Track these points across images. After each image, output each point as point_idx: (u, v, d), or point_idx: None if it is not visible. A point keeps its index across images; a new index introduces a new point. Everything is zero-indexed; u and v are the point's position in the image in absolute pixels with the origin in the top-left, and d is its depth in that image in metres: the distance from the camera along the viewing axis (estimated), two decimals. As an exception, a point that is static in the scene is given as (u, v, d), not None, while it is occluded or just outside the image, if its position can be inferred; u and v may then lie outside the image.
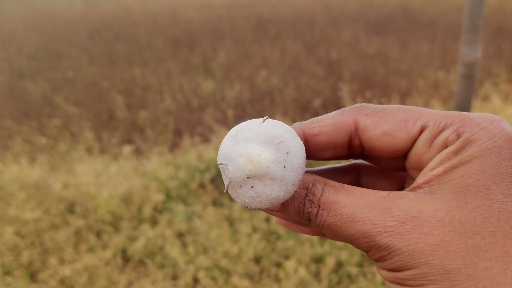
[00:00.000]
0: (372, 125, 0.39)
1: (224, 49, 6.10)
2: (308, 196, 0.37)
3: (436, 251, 0.32)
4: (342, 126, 0.39)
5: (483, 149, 0.34)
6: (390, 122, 0.38)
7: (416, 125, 0.37)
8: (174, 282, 2.04)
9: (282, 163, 0.35)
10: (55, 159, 3.28)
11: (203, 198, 2.61)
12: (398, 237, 0.33)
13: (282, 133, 0.36)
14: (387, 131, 0.38)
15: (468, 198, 0.33)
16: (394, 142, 0.38)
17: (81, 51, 6.43)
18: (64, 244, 2.27)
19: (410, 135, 0.38)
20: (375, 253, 0.35)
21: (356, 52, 5.65)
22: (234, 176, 0.35)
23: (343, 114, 0.40)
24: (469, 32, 1.86)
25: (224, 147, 0.37)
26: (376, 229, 0.34)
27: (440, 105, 3.74)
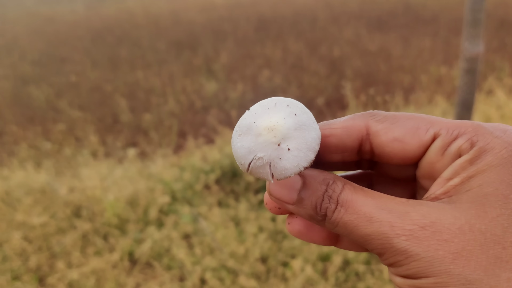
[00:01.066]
0: (384, 130, 0.39)
1: (226, 49, 6.11)
2: (328, 192, 0.37)
3: (457, 259, 0.31)
4: (353, 129, 0.39)
5: (499, 158, 0.33)
6: (401, 128, 0.38)
7: (428, 133, 0.37)
8: (181, 283, 2.05)
9: (293, 113, 0.37)
10: (61, 163, 3.30)
11: (208, 199, 2.61)
12: (416, 242, 0.32)
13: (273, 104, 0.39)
14: (398, 137, 0.38)
15: (487, 207, 0.32)
16: (405, 148, 0.38)
17: (84, 55, 6.45)
18: (72, 248, 2.28)
19: (422, 142, 0.38)
20: (390, 257, 0.34)
21: (359, 49, 5.64)
22: (268, 154, 0.35)
23: (354, 118, 0.40)
24: (471, 27, 1.85)
25: (239, 146, 0.38)
26: (394, 231, 0.33)
27: (444, 101, 3.73)
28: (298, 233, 0.43)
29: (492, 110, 3.28)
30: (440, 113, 3.45)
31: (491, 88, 3.91)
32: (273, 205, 0.43)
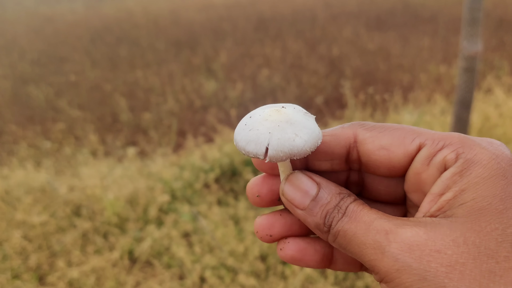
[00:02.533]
0: (371, 138, 0.40)
1: (225, 49, 6.11)
2: (340, 204, 0.38)
3: (451, 273, 0.31)
4: (342, 137, 0.41)
5: (489, 169, 0.34)
6: (388, 137, 0.39)
7: (414, 142, 0.38)
8: (181, 281, 2.05)
9: (302, 111, 0.42)
10: (60, 162, 3.30)
11: (208, 198, 2.62)
12: (408, 251, 0.32)
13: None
14: (385, 145, 0.39)
15: (482, 222, 0.32)
16: (391, 157, 0.39)
17: (83, 54, 6.45)
18: (71, 246, 2.28)
19: (407, 152, 0.39)
20: (381, 269, 0.34)
21: (358, 49, 5.64)
22: (273, 135, 0.38)
23: (343, 127, 0.42)
24: (469, 26, 1.86)
25: (243, 135, 0.40)
26: (388, 239, 0.34)
27: (443, 99, 3.74)
28: (291, 258, 0.43)
29: (491, 109, 3.29)
30: (439, 111, 3.46)
31: (489, 86, 3.92)
32: (264, 233, 0.44)
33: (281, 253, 0.43)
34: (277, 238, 0.44)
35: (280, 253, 0.44)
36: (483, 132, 3.05)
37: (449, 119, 3.08)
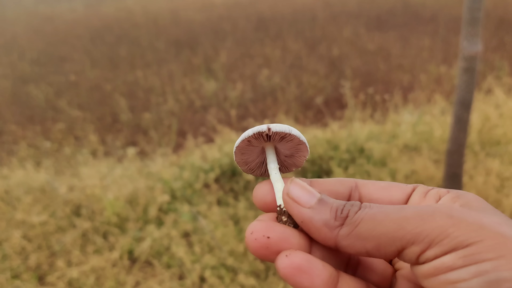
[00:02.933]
0: (371, 183, 0.45)
1: (225, 49, 6.11)
2: (350, 200, 0.41)
3: (503, 225, 0.34)
4: (345, 181, 0.46)
5: (477, 200, 0.39)
6: (385, 183, 0.45)
7: (408, 186, 0.44)
8: (181, 281, 2.05)
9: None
10: (60, 162, 3.30)
11: (208, 198, 2.62)
12: (459, 212, 0.35)
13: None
14: (384, 186, 0.45)
15: (488, 211, 0.37)
16: (391, 194, 0.44)
17: (83, 54, 6.45)
18: (71, 246, 2.28)
19: (404, 192, 0.44)
20: (432, 231, 0.33)
21: (358, 49, 5.64)
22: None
23: (344, 178, 0.47)
24: (469, 26, 1.86)
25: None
26: (434, 208, 0.36)
27: (443, 99, 3.74)
28: (297, 268, 0.37)
29: (491, 109, 3.29)
30: (439, 111, 3.46)
31: (490, 87, 3.92)
32: (261, 234, 0.39)
33: (285, 261, 0.38)
34: (274, 242, 0.39)
35: (284, 261, 0.38)
36: (483, 132, 3.05)
37: (449, 120, 3.08)
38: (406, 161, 2.79)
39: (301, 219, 0.39)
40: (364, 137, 3.05)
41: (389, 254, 0.36)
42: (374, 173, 2.67)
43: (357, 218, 0.37)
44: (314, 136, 3.10)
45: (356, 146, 2.98)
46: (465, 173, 2.58)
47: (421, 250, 0.34)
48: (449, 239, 0.33)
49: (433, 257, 0.33)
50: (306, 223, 0.39)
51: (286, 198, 0.40)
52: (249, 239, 0.40)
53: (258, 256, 0.40)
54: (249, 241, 0.40)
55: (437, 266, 0.33)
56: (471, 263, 0.32)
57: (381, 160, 2.84)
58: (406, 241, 0.35)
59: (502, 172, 2.60)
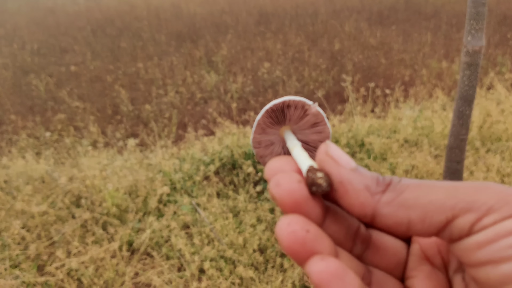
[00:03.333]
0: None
1: (227, 42, 6.09)
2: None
3: None
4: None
5: None
6: None
7: None
8: (180, 273, 2.05)
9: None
10: (60, 153, 3.30)
11: (207, 190, 2.62)
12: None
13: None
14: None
15: None
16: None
17: (84, 46, 6.43)
18: (71, 237, 2.28)
19: None
20: (484, 203, 0.31)
21: (359, 43, 5.62)
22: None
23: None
24: (473, 20, 1.84)
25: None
26: (487, 182, 0.33)
27: (444, 95, 3.73)
28: (334, 275, 0.32)
29: (493, 105, 3.28)
30: (440, 107, 3.45)
31: (492, 83, 3.91)
32: (301, 226, 0.34)
33: (322, 265, 0.33)
34: (311, 239, 0.34)
35: (320, 264, 0.33)
36: (484, 128, 3.04)
37: (450, 115, 3.08)
38: (406, 156, 2.78)
39: (339, 179, 0.35)
40: (364, 132, 3.05)
41: (434, 226, 0.33)
42: (374, 167, 2.67)
43: (402, 185, 0.34)
44: (314, 130, 3.10)
45: (356, 140, 2.97)
46: (466, 169, 2.58)
47: (477, 217, 0.32)
48: (509, 206, 0.31)
49: (492, 224, 0.31)
50: (344, 184, 0.35)
51: (325, 157, 0.36)
52: (285, 231, 0.34)
53: (289, 252, 0.34)
54: (285, 234, 0.34)
55: (496, 231, 0.31)
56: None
57: (381, 154, 2.84)
58: (458, 210, 0.32)
59: (502, 168, 2.59)
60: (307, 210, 0.36)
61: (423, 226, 0.33)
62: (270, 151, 0.46)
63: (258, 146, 0.45)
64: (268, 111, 0.41)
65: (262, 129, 0.43)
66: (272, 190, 0.35)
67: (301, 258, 0.34)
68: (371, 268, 0.40)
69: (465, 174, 2.49)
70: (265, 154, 0.46)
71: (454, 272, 0.39)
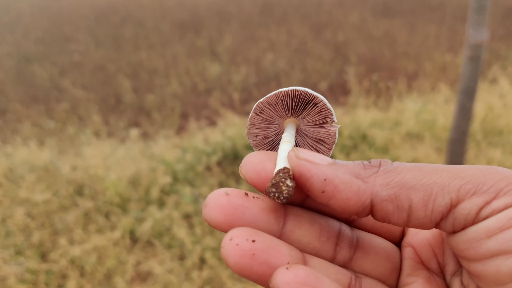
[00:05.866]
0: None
1: (230, 32, 6.07)
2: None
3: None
4: None
5: None
6: None
7: None
8: (181, 262, 2.08)
9: None
10: (64, 142, 3.32)
11: (209, 181, 2.63)
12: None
13: None
14: None
15: None
16: None
17: (87, 34, 6.43)
18: (74, 225, 2.31)
19: None
20: (492, 185, 0.29)
21: (363, 35, 5.60)
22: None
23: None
24: (476, 14, 1.84)
25: None
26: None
27: (447, 88, 3.72)
28: (304, 284, 0.28)
29: (495, 99, 3.27)
30: (442, 100, 3.45)
31: (495, 76, 3.89)
32: (246, 250, 0.30)
33: (287, 275, 0.28)
34: (261, 249, 0.31)
35: (285, 274, 0.28)
36: (486, 122, 3.04)
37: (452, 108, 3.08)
38: (408, 148, 2.79)
39: (323, 177, 0.32)
40: (367, 124, 3.05)
41: (438, 210, 0.30)
42: (376, 160, 2.68)
43: (397, 167, 0.31)
44: (317, 121, 3.10)
45: (358, 132, 2.98)
46: (467, 162, 2.59)
47: (486, 201, 0.28)
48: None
49: (503, 207, 0.28)
50: (330, 179, 0.31)
51: (298, 161, 0.33)
52: (229, 247, 0.30)
53: (240, 271, 0.30)
54: (229, 250, 0.30)
55: (510, 216, 0.27)
56: None
57: (383, 147, 2.85)
58: (464, 192, 0.29)
59: (503, 162, 2.60)
60: (248, 221, 0.32)
61: (426, 212, 0.30)
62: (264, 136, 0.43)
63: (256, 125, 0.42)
64: (292, 92, 0.38)
65: (273, 105, 0.40)
66: (203, 213, 0.33)
67: (257, 275, 0.30)
68: (361, 276, 0.36)
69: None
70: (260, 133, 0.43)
71: (451, 276, 0.36)
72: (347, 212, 0.32)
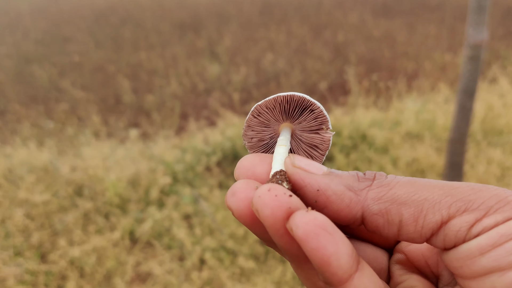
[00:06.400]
0: None
1: (230, 32, 6.07)
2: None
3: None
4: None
5: None
6: None
7: None
8: (181, 262, 2.08)
9: None
10: (63, 142, 3.32)
11: (209, 181, 2.63)
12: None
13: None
14: None
15: None
16: None
17: (87, 35, 6.42)
18: (73, 226, 2.31)
19: None
20: (491, 198, 0.29)
21: (363, 35, 5.60)
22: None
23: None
24: (475, 14, 1.84)
25: None
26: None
27: (447, 88, 3.72)
28: (322, 227, 0.28)
29: (495, 98, 3.27)
30: (442, 100, 3.45)
31: (494, 76, 3.89)
32: (284, 202, 0.30)
33: (307, 216, 0.28)
34: (296, 204, 0.30)
35: (305, 216, 0.28)
36: (486, 121, 3.04)
37: (452, 108, 3.08)
38: (408, 148, 2.79)
39: (316, 187, 0.32)
40: (366, 124, 3.05)
41: (428, 227, 0.30)
42: (376, 160, 2.68)
43: (391, 181, 0.31)
44: (316, 121, 3.10)
45: (358, 132, 2.98)
46: (467, 162, 2.59)
47: (476, 218, 0.29)
48: (511, 206, 0.28)
49: (493, 225, 0.28)
50: (323, 190, 0.32)
51: (293, 169, 0.33)
52: (267, 196, 0.29)
53: (273, 223, 0.29)
54: (267, 199, 0.29)
55: (501, 233, 0.28)
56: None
57: (383, 147, 2.85)
58: (455, 209, 0.29)
59: (503, 162, 2.60)
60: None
61: (416, 227, 0.30)
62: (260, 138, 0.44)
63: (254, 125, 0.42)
64: (290, 97, 0.39)
65: (270, 109, 0.41)
66: (228, 200, 0.32)
67: (281, 229, 0.30)
68: None
69: (466, 167, 2.50)
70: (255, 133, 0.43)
71: (445, 287, 0.36)
72: (338, 222, 0.33)
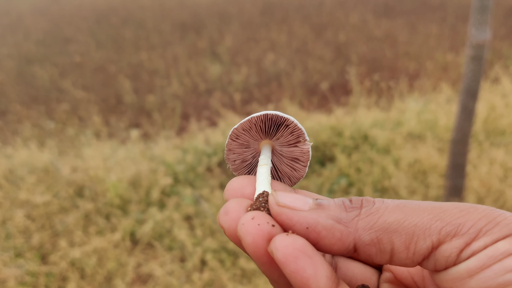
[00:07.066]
0: None
1: (231, 32, 6.07)
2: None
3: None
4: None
5: None
6: None
7: None
8: (182, 264, 2.07)
9: None
10: (64, 143, 3.31)
11: (210, 182, 2.62)
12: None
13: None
14: None
15: None
16: None
17: (88, 35, 6.42)
18: (74, 227, 2.30)
19: None
20: (479, 222, 0.29)
21: (364, 35, 5.59)
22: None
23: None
24: (478, 13, 1.83)
25: None
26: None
27: (449, 88, 3.71)
28: (302, 251, 0.30)
29: (497, 99, 3.26)
30: (444, 100, 3.43)
31: (497, 76, 3.88)
32: (266, 232, 0.31)
33: (287, 240, 0.30)
34: (279, 231, 0.32)
35: (285, 240, 0.30)
36: (488, 122, 3.03)
37: (454, 108, 3.06)
38: (409, 149, 2.78)
39: (305, 225, 0.32)
40: (368, 124, 3.04)
41: (419, 253, 0.30)
42: (378, 160, 2.66)
43: (379, 207, 0.31)
44: (318, 122, 3.09)
45: (360, 133, 2.97)
46: (469, 162, 2.57)
47: (466, 242, 0.29)
48: (500, 227, 0.29)
49: (483, 248, 0.29)
50: (313, 227, 0.32)
51: (277, 209, 0.33)
52: (250, 225, 0.31)
53: (254, 251, 0.31)
54: (250, 228, 0.31)
55: (489, 255, 0.28)
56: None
57: (385, 147, 2.83)
58: (445, 234, 0.30)
59: (506, 162, 2.58)
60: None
61: (408, 254, 0.31)
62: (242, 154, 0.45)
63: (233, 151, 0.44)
64: (264, 116, 0.40)
65: (247, 130, 0.42)
66: (220, 219, 0.33)
67: (262, 255, 0.31)
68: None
69: (468, 167, 2.48)
70: (239, 158, 0.45)
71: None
72: (332, 254, 0.33)
